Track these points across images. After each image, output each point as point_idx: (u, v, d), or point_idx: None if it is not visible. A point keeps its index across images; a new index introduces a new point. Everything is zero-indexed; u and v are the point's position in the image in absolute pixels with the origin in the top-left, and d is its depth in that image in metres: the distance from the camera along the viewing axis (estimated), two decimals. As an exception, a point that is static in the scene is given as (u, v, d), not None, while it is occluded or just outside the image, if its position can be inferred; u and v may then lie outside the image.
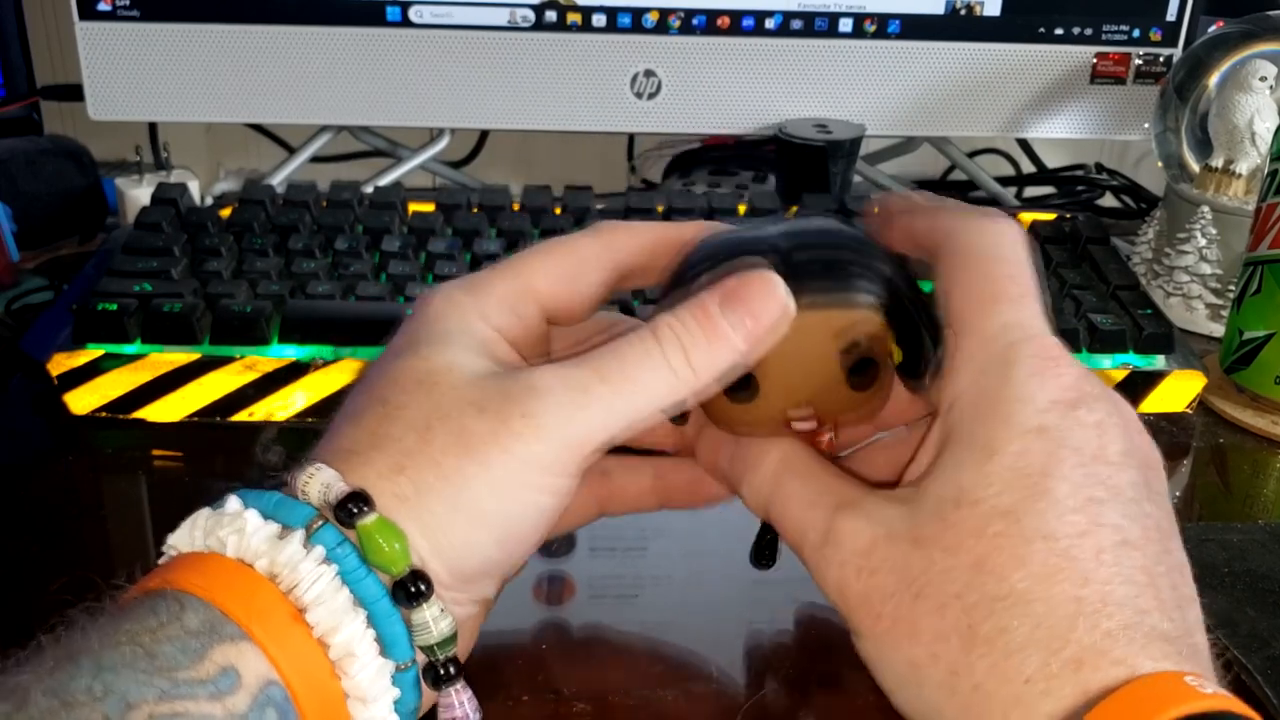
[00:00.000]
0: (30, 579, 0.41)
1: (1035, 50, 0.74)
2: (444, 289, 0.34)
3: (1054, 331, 0.32)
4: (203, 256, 0.58)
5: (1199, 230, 0.63)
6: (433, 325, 0.33)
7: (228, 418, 0.51)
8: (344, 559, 0.29)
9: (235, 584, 0.28)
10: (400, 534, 0.29)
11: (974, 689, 0.28)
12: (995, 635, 0.28)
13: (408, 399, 0.31)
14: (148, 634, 0.26)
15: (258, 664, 0.27)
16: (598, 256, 0.36)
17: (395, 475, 0.30)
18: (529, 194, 0.65)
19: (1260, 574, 0.42)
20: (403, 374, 0.32)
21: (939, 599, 0.29)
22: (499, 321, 0.34)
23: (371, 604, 0.29)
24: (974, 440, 0.30)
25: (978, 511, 0.29)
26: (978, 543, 0.29)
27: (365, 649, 0.29)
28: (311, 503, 0.30)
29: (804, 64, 0.73)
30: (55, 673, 0.25)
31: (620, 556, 0.44)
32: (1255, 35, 0.66)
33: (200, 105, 0.72)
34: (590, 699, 0.36)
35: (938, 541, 0.29)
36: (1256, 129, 0.63)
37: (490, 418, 0.30)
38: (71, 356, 0.51)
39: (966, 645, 0.28)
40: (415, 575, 0.29)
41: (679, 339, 0.31)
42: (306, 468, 0.30)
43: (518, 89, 0.73)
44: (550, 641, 0.38)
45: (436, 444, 0.30)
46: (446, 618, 0.30)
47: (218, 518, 0.30)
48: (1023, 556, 0.28)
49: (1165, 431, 0.55)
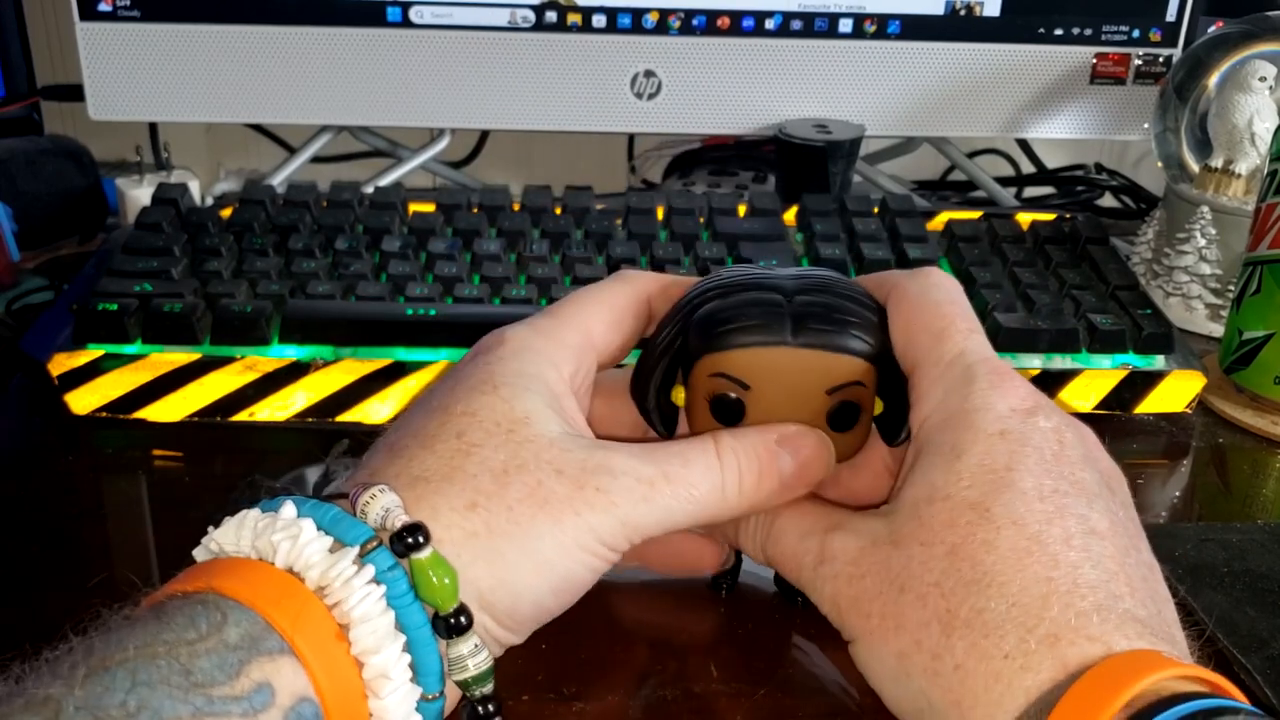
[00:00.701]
0: (30, 579, 0.41)
1: (1035, 50, 0.74)
2: (518, 331, 0.36)
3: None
4: (203, 256, 0.58)
5: (1198, 230, 0.63)
6: (508, 364, 0.34)
7: (228, 418, 0.51)
8: (393, 583, 0.29)
9: (284, 596, 0.28)
10: (452, 571, 0.30)
11: (955, 669, 0.29)
12: (973, 616, 0.29)
13: (485, 439, 0.32)
14: (185, 646, 0.26)
15: (294, 680, 0.27)
16: (632, 304, 0.38)
17: (468, 511, 0.31)
18: (529, 194, 0.65)
19: (1260, 574, 0.42)
20: (481, 411, 0.33)
21: (919, 590, 0.31)
22: (566, 370, 0.35)
23: (412, 630, 0.29)
24: (941, 447, 0.33)
25: (949, 505, 0.31)
26: (950, 533, 0.31)
27: (400, 673, 0.29)
28: (369, 523, 0.30)
29: (804, 64, 0.73)
30: (88, 683, 0.25)
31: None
32: (1255, 35, 0.66)
33: (200, 105, 0.72)
34: (590, 699, 0.36)
35: (915, 537, 0.31)
36: (1256, 129, 0.63)
37: (567, 482, 0.32)
38: (72, 357, 0.51)
39: (946, 629, 0.30)
40: (459, 610, 0.30)
41: (739, 464, 0.34)
42: (370, 488, 0.30)
43: (518, 89, 0.73)
44: (550, 641, 0.38)
45: (512, 492, 0.31)
46: (483, 652, 0.30)
47: (270, 521, 0.29)
48: (993, 542, 0.30)
49: (1165, 431, 0.55)
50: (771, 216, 0.64)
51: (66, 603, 0.37)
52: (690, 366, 0.36)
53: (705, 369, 0.35)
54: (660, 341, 0.37)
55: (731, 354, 0.35)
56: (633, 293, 0.38)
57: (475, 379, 0.34)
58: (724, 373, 0.35)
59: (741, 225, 0.63)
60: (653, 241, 0.61)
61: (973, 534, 0.30)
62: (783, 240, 0.62)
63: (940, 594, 0.30)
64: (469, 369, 0.35)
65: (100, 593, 0.28)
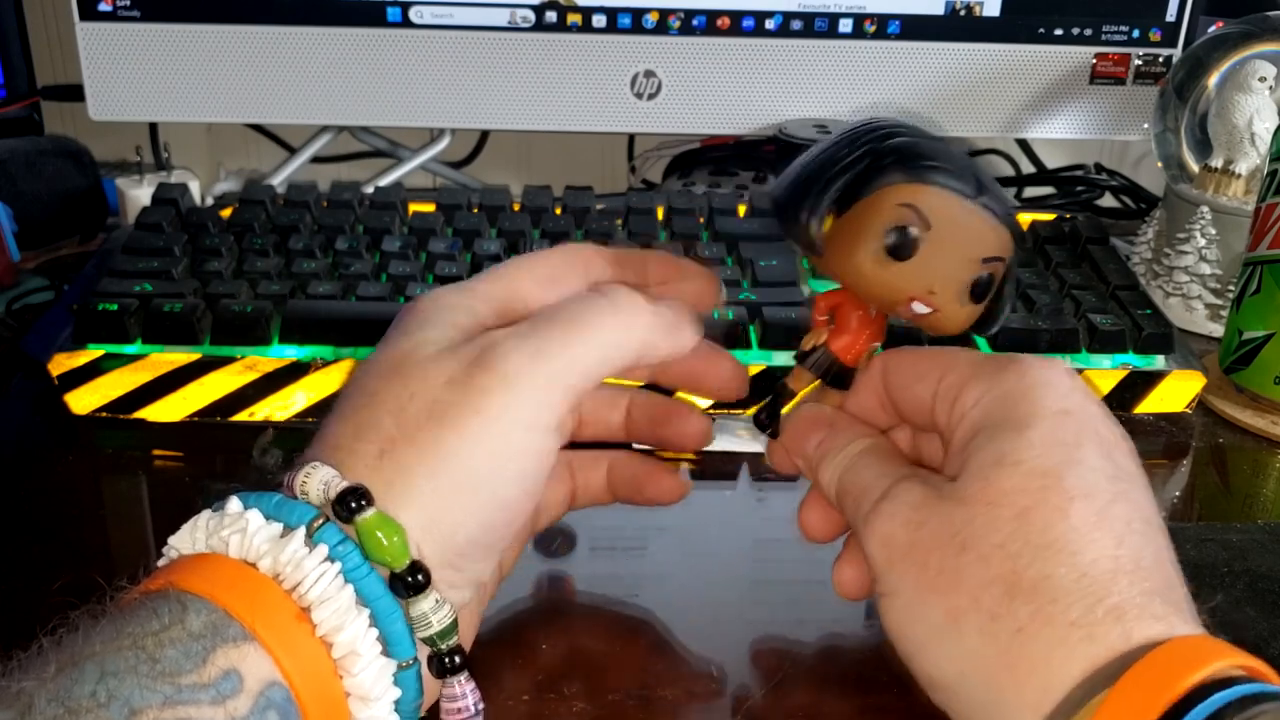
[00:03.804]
0: (30, 579, 0.41)
1: (1035, 50, 0.74)
2: (432, 291, 0.35)
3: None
4: (203, 256, 0.58)
5: (1198, 230, 0.63)
6: (413, 318, 0.34)
7: (228, 418, 0.51)
8: (346, 556, 0.29)
9: (238, 584, 0.28)
10: (399, 528, 0.29)
11: (1016, 633, 0.29)
12: (1039, 581, 0.29)
13: (383, 384, 0.32)
14: (150, 637, 0.26)
15: (260, 665, 0.27)
16: (571, 264, 0.37)
17: (378, 462, 0.30)
18: (529, 194, 0.65)
19: (1260, 574, 0.42)
20: (379, 363, 0.33)
21: (982, 549, 0.30)
22: (485, 315, 0.34)
23: (374, 601, 0.29)
24: (1007, 420, 0.32)
25: (1019, 470, 0.31)
26: (1021, 496, 0.30)
27: (368, 648, 0.29)
28: (311, 501, 0.30)
29: (804, 64, 0.73)
30: (59, 678, 0.25)
31: (620, 556, 0.44)
32: (1255, 35, 0.66)
33: (200, 105, 0.72)
34: (590, 699, 0.36)
35: (981, 497, 0.31)
36: (1256, 129, 0.63)
37: (457, 388, 0.31)
38: (72, 357, 0.51)
39: (1010, 591, 0.29)
40: (413, 567, 0.29)
41: (622, 293, 0.34)
42: (304, 467, 0.30)
43: (518, 89, 0.73)
44: (550, 641, 0.38)
45: (411, 422, 0.31)
46: (444, 607, 0.30)
47: (219, 519, 0.30)
48: (1065, 510, 0.30)
49: (1165, 431, 0.55)
50: (771, 216, 0.64)
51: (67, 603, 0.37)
52: (868, 192, 0.35)
53: (895, 196, 0.34)
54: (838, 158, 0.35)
55: (928, 189, 0.34)
56: (571, 253, 0.37)
57: (385, 344, 0.34)
58: (915, 205, 0.34)
59: (741, 225, 0.63)
60: (653, 241, 0.61)
61: (1045, 499, 0.30)
62: (783, 240, 0.62)
63: (1005, 556, 0.30)
64: (383, 340, 0.34)
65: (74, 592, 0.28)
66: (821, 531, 0.38)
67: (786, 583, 0.43)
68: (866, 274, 0.35)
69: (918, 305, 0.35)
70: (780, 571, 0.40)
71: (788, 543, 0.45)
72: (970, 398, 0.34)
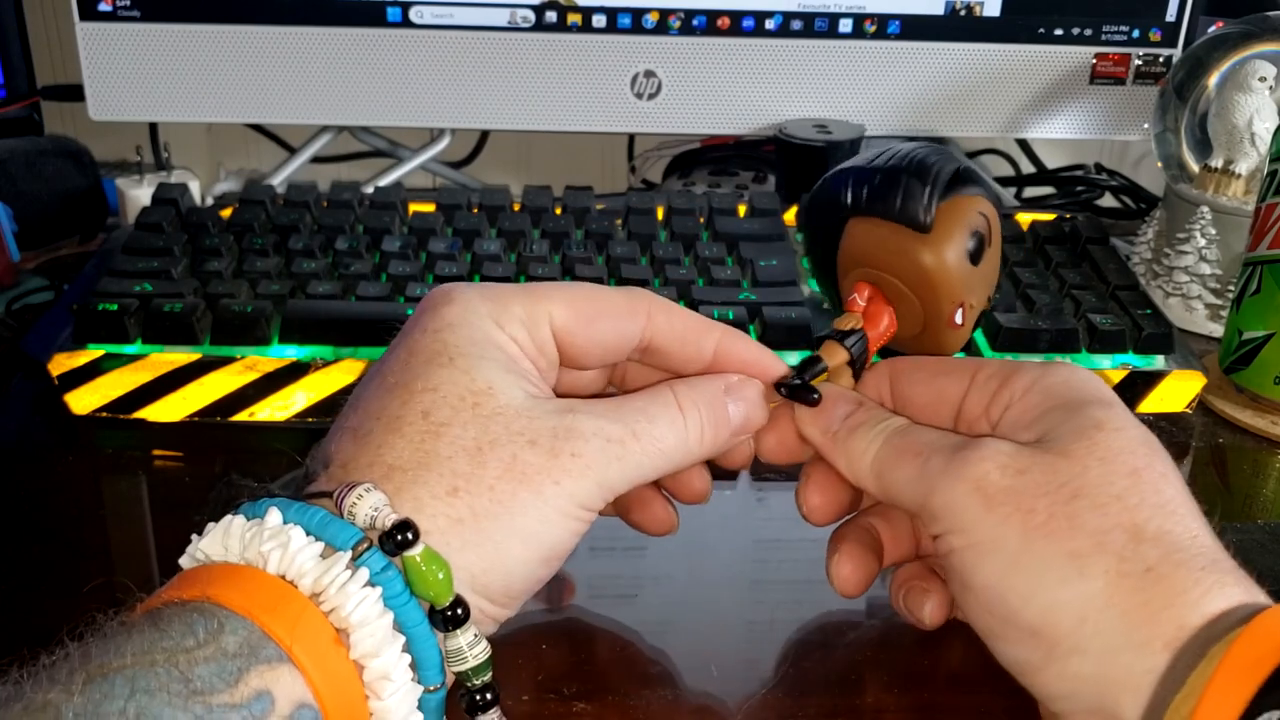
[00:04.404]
0: (30, 579, 0.41)
1: (1035, 50, 0.74)
2: (460, 292, 0.35)
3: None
4: (203, 256, 0.58)
5: (1198, 230, 0.63)
6: (459, 332, 0.34)
7: (228, 418, 0.51)
8: (389, 584, 0.29)
9: (279, 605, 0.28)
10: (445, 564, 0.29)
11: (1147, 571, 0.29)
12: (1160, 534, 0.30)
13: (452, 416, 0.32)
14: (184, 654, 0.26)
15: (293, 687, 0.27)
16: (623, 312, 0.37)
17: (450, 497, 0.31)
18: (529, 194, 0.65)
19: (1260, 574, 0.42)
20: (443, 386, 0.32)
21: (1098, 499, 0.31)
22: (515, 334, 0.35)
23: (411, 629, 0.29)
24: (1085, 398, 0.34)
25: (1124, 435, 0.32)
26: (1132, 457, 0.32)
27: (400, 674, 0.29)
28: (358, 524, 0.29)
29: (804, 64, 0.73)
30: (87, 690, 0.25)
31: (620, 556, 0.44)
32: (1255, 35, 0.66)
33: (200, 105, 0.72)
34: (590, 699, 0.36)
35: (1091, 454, 0.32)
36: (1256, 129, 0.63)
37: (542, 452, 0.32)
38: (72, 357, 0.51)
39: (1134, 538, 0.30)
40: (455, 601, 0.30)
41: (700, 415, 0.35)
42: (355, 488, 0.30)
43: (518, 89, 0.73)
44: (550, 641, 0.38)
45: (490, 470, 0.31)
46: (481, 643, 0.30)
47: (257, 530, 0.29)
48: (1169, 478, 0.32)
49: (1165, 431, 0.55)
50: (771, 216, 0.64)
51: (66, 603, 0.37)
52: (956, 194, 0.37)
53: (976, 205, 0.37)
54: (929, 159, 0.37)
55: (991, 205, 0.38)
56: (628, 303, 0.37)
57: (429, 350, 0.33)
58: (988, 217, 0.37)
59: (741, 225, 0.63)
60: (653, 241, 0.61)
61: (1152, 465, 0.32)
62: (783, 240, 0.62)
63: (1124, 508, 0.30)
64: (420, 340, 0.34)
65: (98, 598, 0.28)
66: (823, 513, 0.38)
67: (786, 583, 0.43)
68: (953, 264, 0.37)
69: (959, 313, 0.37)
70: (780, 571, 0.40)
71: (788, 543, 0.45)
72: (1022, 383, 0.35)
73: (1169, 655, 0.28)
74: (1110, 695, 0.29)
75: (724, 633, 0.40)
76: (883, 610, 0.40)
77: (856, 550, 0.37)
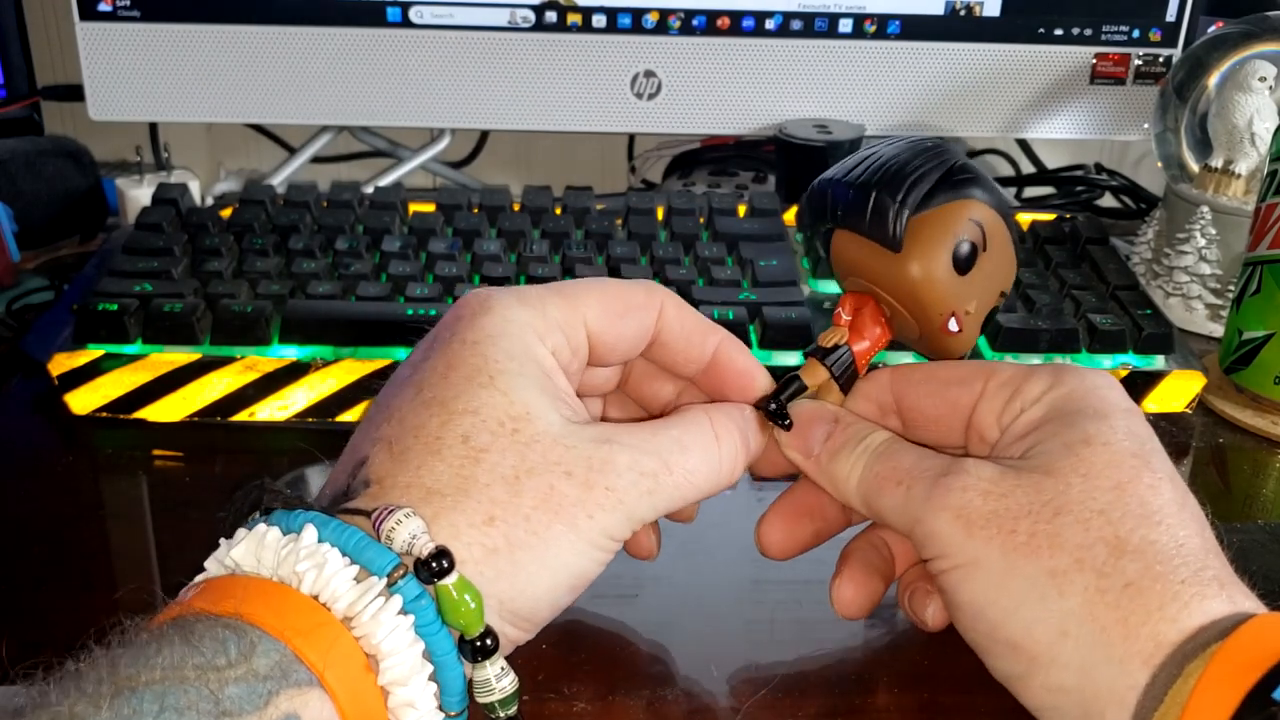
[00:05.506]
0: (30, 579, 0.41)
1: (1035, 50, 0.74)
2: (498, 299, 0.34)
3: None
4: (203, 256, 0.58)
5: (1198, 230, 0.63)
6: (499, 345, 0.33)
7: (228, 418, 0.51)
8: (422, 612, 0.29)
9: (314, 629, 0.28)
10: (479, 595, 0.29)
11: (1126, 586, 0.30)
12: (1144, 546, 0.30)
13: (491, 442, 0.32)
14: (215, 672, 0.26)
15: (321, 710, 0.27)
16: (643, 304, 0.37)
17: (486, 526, 0.30)
18: (529, 194, 0.65)
19: (1260, 574, 0.42)
20: (484, 409, 0.32)
21: (1081, 515, 0.31)
22: (554, 344, 0.35)
23: (439, 658, 0.29)
24: (1083, 409, 0.34)
25: (1109, 450, 0.32)
26: (1116, 471, 0.32)
27: (426, 701, 0.29)
28: (394, 549, 0.29)
29: (804, 64, 0.73)
30: (115, 703, 0.24)
31: (620, 556, 0.44)
32: (1255, 35, 0.66)
33: (200, 105, 0.72)
34: (590, 699, 0.36)
35: (1074, 470, 0.32)
36: (1256, 129, 0.63)
37: (577, 484, 0.32)
38: (72, 357, 0.51)
39: (1115, 551, 0.30)
40: (485, 632, 0.30)
41: (733, 444, 0.35)
42: (395, 513, 0.29)
43: (518, 89, 0.73)
44: (550, 641, 0.38)
45: (526, 500, 0.31)
46: (509, 675, 0.30)
47: (293, 547, 0.29)
48: (1158, 487, 0.32)
49: (1165, 431, 0.54)
50: (771, 216, 0.64)
51: (66, 603, 0.37)
52: (944, 200, 0.36)
53: (969, 211, 0.36)
54: (913, 164, 0.36)
55: (993, 213, 0.36)
56: (648, 296, 0.37)
57: (468, 366, 0.33)
58: (984, 224, 0.36)
59: (741, 225, 0.63)
60: (653, 241, 0.61)
61: (1139, 477, 0.32)
62: (783, 240, 0.62)
63: (1107, 521, 0.31)
64: (459, 353, 0.33)
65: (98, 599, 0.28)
66: (782, 547, 0.38)
67: (786, 583, 0.43)
68: (936, 277, 0.36)
69: (952, 322, 0.36)
70: (780, 571, 0.40)
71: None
72: (1032, 392, 0.35)
73: (1148, 671, 0.28)
74: (1095, 709, 0.29)
75: (724, 633, 0.40)
76: (883, 610, 0.40)
77: (860, 573, 0.37)
